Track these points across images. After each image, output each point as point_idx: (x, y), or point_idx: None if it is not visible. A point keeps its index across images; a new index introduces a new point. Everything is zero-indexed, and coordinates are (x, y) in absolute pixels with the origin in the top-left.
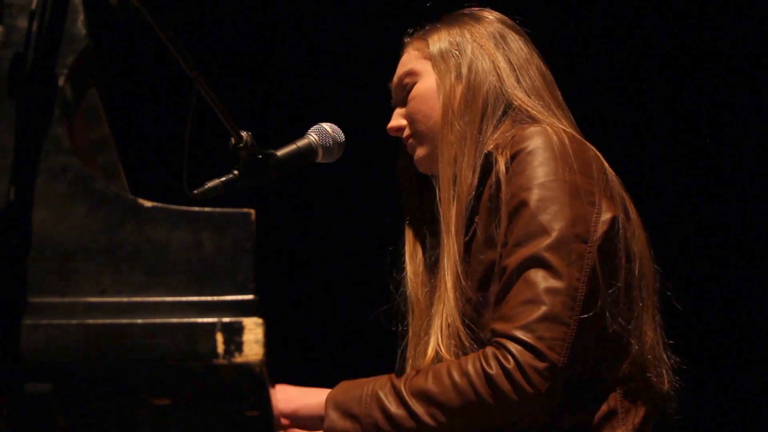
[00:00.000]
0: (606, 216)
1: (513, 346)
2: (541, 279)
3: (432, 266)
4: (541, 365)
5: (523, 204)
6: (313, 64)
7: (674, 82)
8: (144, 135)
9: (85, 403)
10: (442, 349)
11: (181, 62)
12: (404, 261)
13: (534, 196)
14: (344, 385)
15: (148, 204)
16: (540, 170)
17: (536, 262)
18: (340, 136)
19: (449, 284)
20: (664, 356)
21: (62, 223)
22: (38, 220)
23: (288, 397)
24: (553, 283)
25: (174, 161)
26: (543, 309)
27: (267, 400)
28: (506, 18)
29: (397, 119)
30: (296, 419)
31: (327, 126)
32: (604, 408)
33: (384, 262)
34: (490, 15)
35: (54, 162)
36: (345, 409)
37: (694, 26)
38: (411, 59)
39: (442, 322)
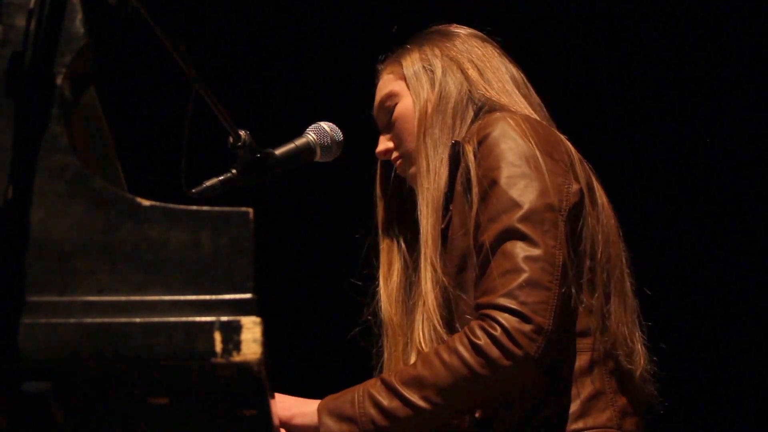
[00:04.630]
0: (575, 187)
1: (498, 314)
2: (519, 249)
3: (410, 286)
4: (527, 327)
5: (494, 183)
6: (312, 62)
7: (673, 78)
8: (142, 134)
9: (84, 401)
10: (424, 347)
11: (179, 61)
12: (378, 284)
13: (503, 173)
14: (333, 395)
15: (146, 203)
16: (508, 152)
17: (512, 233)
18: (339, 134)
19: (429, 282)
20: (636, 337)
21: (60, 222)
22: (36, 218)
23: (285, 405)
24: (531, 251)
25: (172, 160)
26: (524, 276)
27: (265, 399)
28: (475, 31)
29: (384, 143)
30: (292, 427)
31: (325, 125)
32: (590, 389)
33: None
34: (459, 29)
35: (52, 161)
36: (339, 413)
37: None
38: (387, 83)
39: (423, 323)
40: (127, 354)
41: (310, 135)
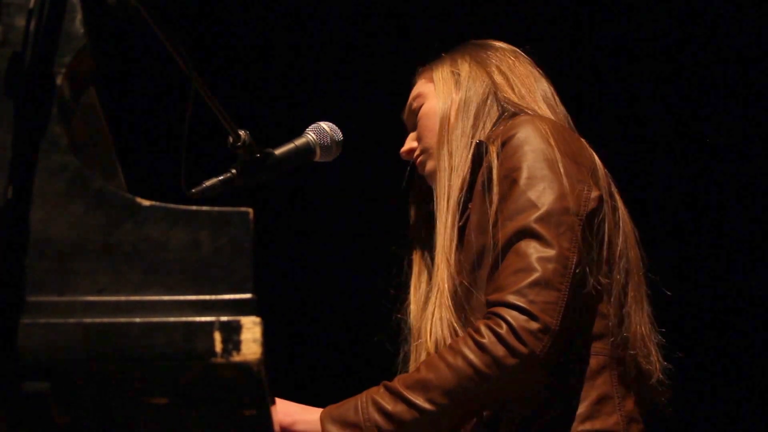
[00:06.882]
0: (594, 193)
1: (506, 312)
2: (532, 249)
3: None
4: (534, 326)
5: (514, 183)
6: (312, 62)
7: (674, 76)
8: (142, 134)
9: (83, 401)
10: (429, 342)
11: (179, 61)
12: (409, 290)
13: (524, 174)
14: (335, 404)
15: (146, 203)
16: (530, 154)
17: (527, 233)
18: (338, 134)
19: (443, 276)
20: (652, 343)
21: (60, 222)
22: (36, 218)
23: (287, 411)
24: (545, 251)
25: (172, 160)
26: (535, 275)
27: (265, 400)
28: (512, 46)
29: (409, 143)
30: None
31: (325, 125)
32: (599, 392)
33: (384, 261)
34: (496, 43)
35: (52, 160)
36: (343, 420)
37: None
38: (417, 87)
39: (435, 314)
40: (127, 354)
41: (310, 135)
